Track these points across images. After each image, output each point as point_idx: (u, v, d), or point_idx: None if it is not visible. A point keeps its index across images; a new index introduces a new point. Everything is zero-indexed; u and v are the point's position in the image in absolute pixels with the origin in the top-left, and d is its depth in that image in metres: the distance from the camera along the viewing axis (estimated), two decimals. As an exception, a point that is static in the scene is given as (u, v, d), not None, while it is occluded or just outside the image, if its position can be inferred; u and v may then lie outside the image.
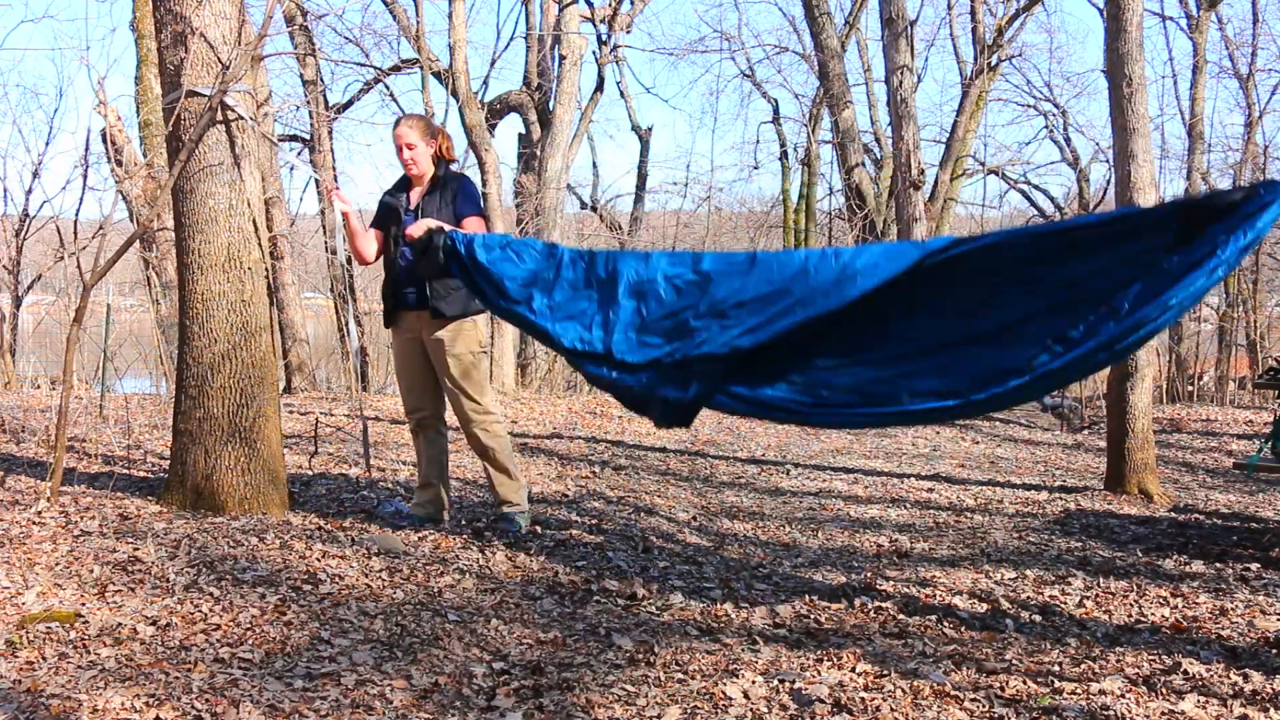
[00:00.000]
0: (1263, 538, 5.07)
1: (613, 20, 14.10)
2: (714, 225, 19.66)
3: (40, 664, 2.64)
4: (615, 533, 4.60)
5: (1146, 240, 3.18)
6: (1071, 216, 3.51)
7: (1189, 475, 7.40)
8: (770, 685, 2.86)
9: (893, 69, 11.66)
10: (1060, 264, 3.28)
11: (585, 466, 6.55)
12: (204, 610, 3.09)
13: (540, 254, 3.92)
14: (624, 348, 3.72)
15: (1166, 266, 3.14)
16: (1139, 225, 3.22)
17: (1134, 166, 6.19)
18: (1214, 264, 3.06)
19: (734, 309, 3.56)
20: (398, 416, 8.25)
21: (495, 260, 3.92)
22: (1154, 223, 3.20)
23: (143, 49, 10.46)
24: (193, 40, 4.05)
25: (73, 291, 10.46)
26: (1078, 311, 3.24)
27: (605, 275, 3.81)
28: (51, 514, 3.98)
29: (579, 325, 3.81)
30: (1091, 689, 2.88)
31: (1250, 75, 17.67)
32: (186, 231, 4.16)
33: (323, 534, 4.01)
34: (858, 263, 3.41)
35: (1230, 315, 14.63)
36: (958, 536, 5.03)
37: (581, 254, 3.91)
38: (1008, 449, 8.64)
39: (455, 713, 2.60)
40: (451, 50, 11.06)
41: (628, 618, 3.43)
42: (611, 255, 3.87)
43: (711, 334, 3.59)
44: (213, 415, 4.15)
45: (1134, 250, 3.19)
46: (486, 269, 3.92)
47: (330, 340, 15.42)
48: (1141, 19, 6.24)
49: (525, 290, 3.89)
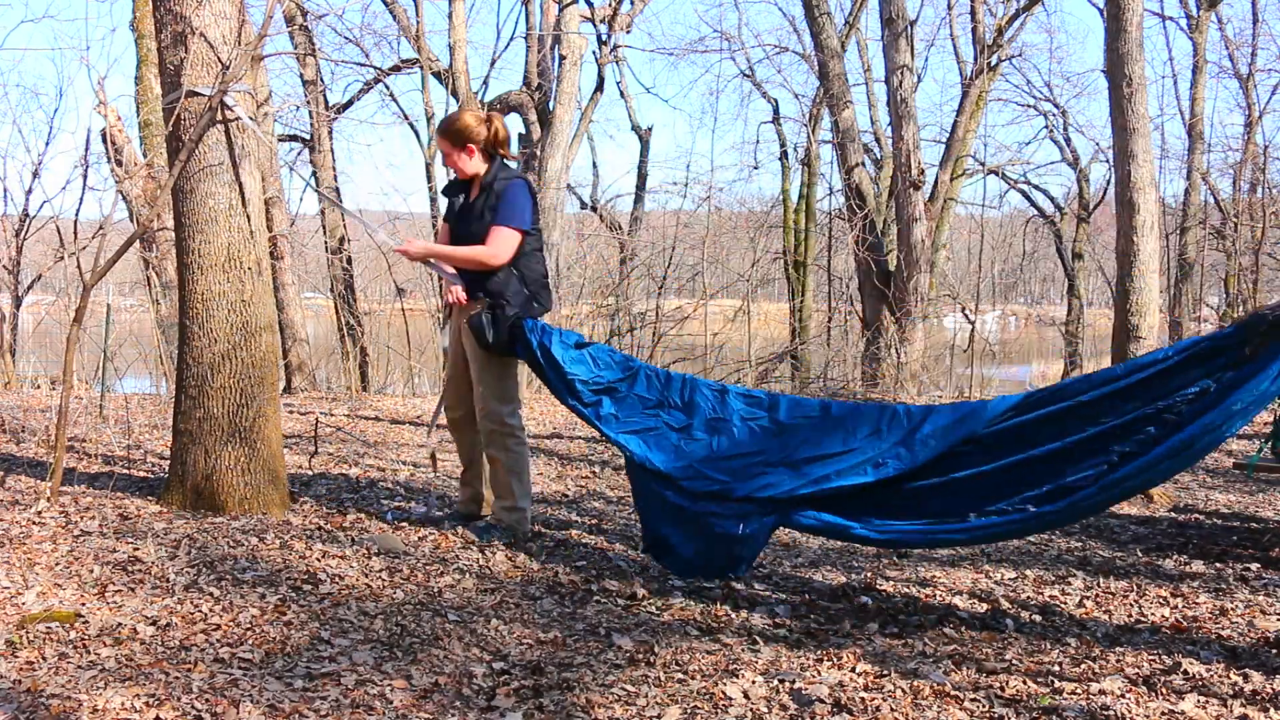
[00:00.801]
0: (1263, 538, 5.07)
1: (613, 20, 14.10)
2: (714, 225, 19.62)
3: (40, 664, 2.64)
4: (615, 533, 4.60)
5: (1213, 361, 3.24)
6: (1144, 356, 3.53)
7: (1189, 475, 7.40)
8: (770, 685, 2.86)
9: (893, 69, 11.66)
10: (1127, 401, 3.33)
11: (585, 466, 6.55)
12: (204, 610, 3.09)
13: (618, 365, 4.00)
14: (687, 474, 3.77)
15: (1231, 381, 3.17)
16: (1205, 351, 3.27)
17: (1134, 166, 6.19)
18: (1278, 368, 3.09)
19: (804, 463, 3.63)
20: (398, 416, 8.26)
21: (569, 359, 3.97)
22: (1220, 344, 3.24)
23: (143, 49, 10.46)
24: (193, 40, 4.05)
25: (73, 291, 10.47)
26: (1143, 429, 3.29)
27: (681, 402, 3.90)
28: (51, 514, 3.98)
29: (642, 442, 3.88)
30: (1091, 689, 2.88)
31: (1250, 75, 17.68)
32: (186, 231, 4.16)
33: (323, 534, 4.01)
34: (926, 427, 3.51)
35: (1230, 315, 14.63)
36: (958, 536, 5.02)
37: (658, 373, 3.98)
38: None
39: (455, 713, 2.60)
40: (451, 50, 11.07)
41: (628, 618, 3.43)
42: (688, 382, 3.94)
43: (779, 479, 3.65)
44: (213, 415, 4.15)
45: (1201, 372, 3.25)
46: (560, 365, 3.97)
47: (330, 340, 15.41)
48: (1141, 19, 6.24)
49: (596, 396, 3.96)
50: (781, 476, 3.64)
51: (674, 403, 3.91)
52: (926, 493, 3.54)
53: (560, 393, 4.01)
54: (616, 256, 18.53)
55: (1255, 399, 3.09)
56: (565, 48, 12.81)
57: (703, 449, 3.81)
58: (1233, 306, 14.69)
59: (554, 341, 3.99)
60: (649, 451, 3.85)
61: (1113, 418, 3.33)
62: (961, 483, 3.49)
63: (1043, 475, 3.39)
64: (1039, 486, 3.39)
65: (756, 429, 3.79)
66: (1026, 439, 3.43)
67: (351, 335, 12.51)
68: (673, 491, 3.79)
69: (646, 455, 3.84)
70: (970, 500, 3.47)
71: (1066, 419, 3.40)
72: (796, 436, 3.71)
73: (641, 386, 3.95)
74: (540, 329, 4.03)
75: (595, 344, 4.07)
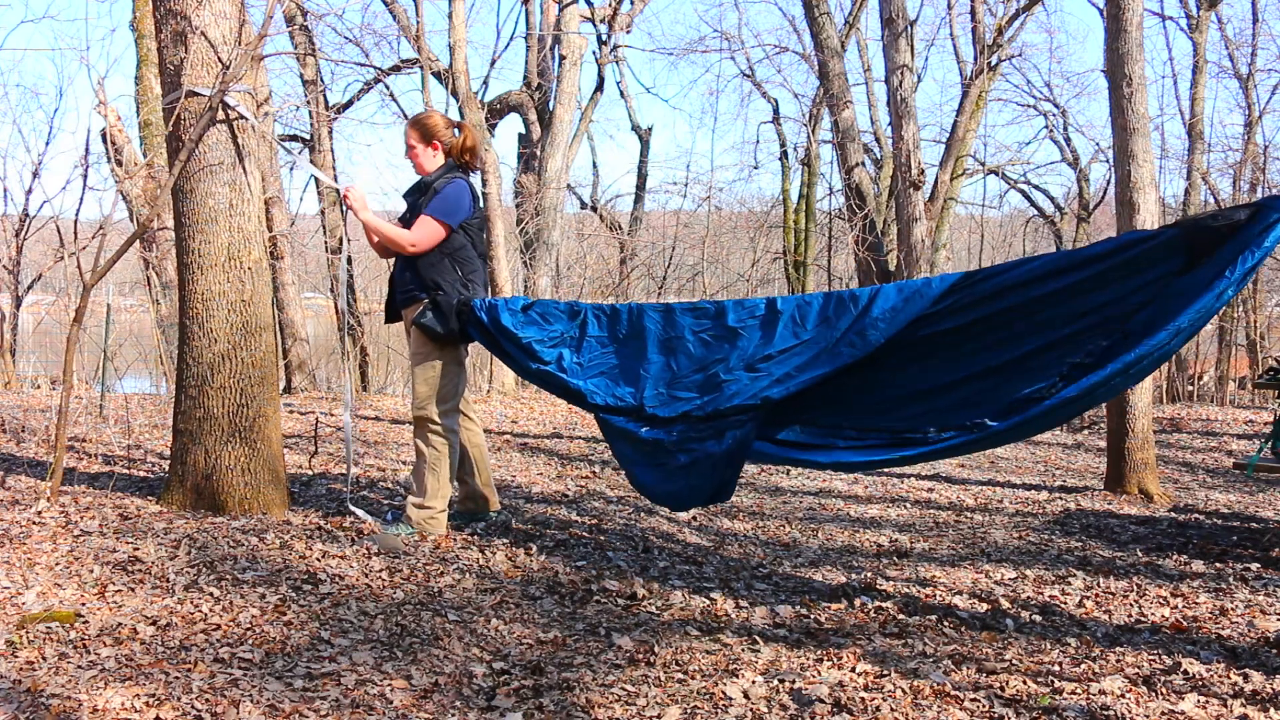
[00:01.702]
0: (1263, 538, 5.07)
1: (613, 20, 14.10)
2: (714, 225, 19.64)
3: (40, 664, 2.64)
4: (615, 533, 4.60)
5: (1158, 268, 3.25)
6: (1082, 247, 3.58)
7: (1189, 475, 7.40)
8: (770, 685, 2.86)
9: (893, 69, 11.66)
10: (1072, 300, 3.35)
11: (585, 466, 6.55)
12: (204, 610, 3.09)
13: (564, 313, 4.02)
14: (655, 402, 3.83)
15: (1177, 290, 3.19)
16: (1148, 253, 3.27)
17: (1134, 166, 6.19)
18: (1222, 285, 3.12)
19: (762, 362, 3.68)
20: (398, 416, 8.26)
21: (519, 324, 4.00)
22: (1164, 250, 3.25)
23: (143, 49, 10.46)
24: (193, 40, 4.05)
25: (73, 291, 10.47)
26: (1093, 340, 3.33)
27: (630, 330, 3.92)
28: (51, 514, 3.98)
29: (608, 381, 3.92)
30: (1091, 689, 2.88)
31: (1250, 75, 17.67)
32: (186, 231, 4.16)
33: (323, 534, 4.01)
34: (875, 310, 3.52)
35: (1230, 315, 14.63)
36: (958, 536, 5.02)
37: (603, 309, 4.00)
38: (1008, 449, 8.64)
39: (455, 713, 2.60)
40: (451, 50, 11.06)
41: (628, 618, 3.43)
42: (634, 310, 3.96)
43: (742, 386, 3.69)
44: (213, 415, 4.15)
45: (1145, 279, 3.26)
46: (513, 333, 4.00)
47: (330, 340, 15.43)
48: (1141, 19, 6.24)
49: (554, 350, 3.99)
50: (743, 382, 3.69)
51: (624, 333, 3.94)
52: (891, 404, 3.61)
53: (523, 361, 4.03)
54: (616, 256, 18.54)
55: (1201, 315, 3.13)
56: (565, 48, 12.81)
57: (664, 370, 3.85)
58: (1233, 306, 14.67)
59: (501, 310, 4.02)
60: (616, 388, 3.89)
61: (1063, 324, 3.36)
62: (924, 395, 3.56)
63: (1000, 388, 3.45)
64: (997, 401, 3.44)
65: (709, 339, 3.81)
66: (976, 336, 3.46)
67: (351, 335, 12.51)
68: (647, 426, 3.83)
69: (613, 393, 3.89)
70: (931, 415, 3.53)
71: (1014, 318, 3.42)
72: (749, 339, 3.74)
73: (593, 327, 3.98)
74: (486, 305, 4.06)
75: (539, 301, 4.10)
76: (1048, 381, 3.37)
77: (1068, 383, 3.34)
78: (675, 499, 3.96)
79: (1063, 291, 3.36)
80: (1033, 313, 3.40)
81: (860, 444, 3.69)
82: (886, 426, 3.64)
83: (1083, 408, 3.62)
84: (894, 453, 3.63)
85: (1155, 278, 3.25)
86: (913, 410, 3.59)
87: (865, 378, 3.62)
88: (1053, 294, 3.37)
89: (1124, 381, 3.39)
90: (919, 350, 3.55)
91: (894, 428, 3.62)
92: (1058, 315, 3.37)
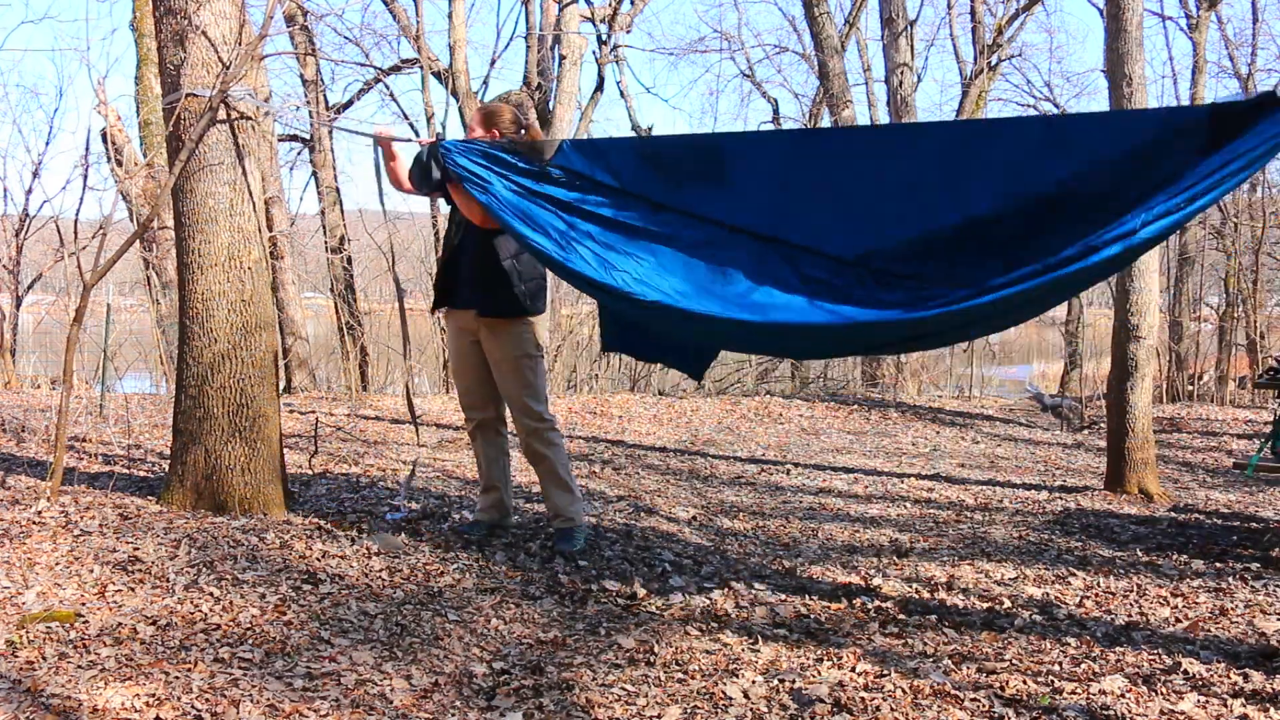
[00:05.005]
0: (1263, 538, 5.07)
1: (613, 20, 14.10)
2: (714, 225, 19.60)
3: (40, 664, 2.64)
4: (615, 532, 4.60)
5: (1176, 150, 3.15)
6: (1099, 113, 3.44)
7: (1189, 475, 7.40)
8: (770, 685, 2.86)
9: (893, 68, 11.67)
10: (1089, 178, 3.26)
11: (585, 466, 6.55)
12: (204, 610, 3.09)
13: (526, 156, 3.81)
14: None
15: (1196, 166, 3.10)
16: (1173, 130, 3.20)
17: (1134, 166, 6.18)
18: (1239, 165, 3.04)
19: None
20: (398, 416, 8.25)
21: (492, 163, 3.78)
22: (1189, 127, 3.17)
23: (143, 49, 10.46)
24: (193, 40, 4.05)
25: (73, 291, 10.46)
26: (1109, 214, 3.19)
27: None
28: (52, 514, 3.98)
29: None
30: (1091, 689, 2.88)
31: (1250, 75, 17.67)
32: (186, 231, 4.16)
33: (323, 534, 4.01)
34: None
35: (1230, 315, 14.62)
36: (958, 536, 5.02)
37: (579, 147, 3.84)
38: (1008, 448, 8.64)
39: (455, 712, 2.60)
40: (451, 50, 11.07)
41: (628, 617, 3.43)
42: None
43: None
44: (213, 414, 4.15)
45: (1166, 165, 3.16)
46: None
47: (330, 340, 15.41)
48: (1141, 19, 6.24)
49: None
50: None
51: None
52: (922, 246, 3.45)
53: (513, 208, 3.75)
54: (616, 256, 18.50)
55: (1212, 195, 3.07)
56: (565, 47, 12.81)
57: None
58: (1233, 305, 14.66)
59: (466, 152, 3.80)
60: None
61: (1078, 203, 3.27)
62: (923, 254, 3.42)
63: (1038, 239, 3.31)
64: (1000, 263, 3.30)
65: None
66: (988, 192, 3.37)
67: (351, 335, 12.51)
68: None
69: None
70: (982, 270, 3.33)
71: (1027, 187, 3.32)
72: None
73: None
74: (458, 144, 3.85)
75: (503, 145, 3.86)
76: (1060, 254, 3.20)
77: (1080, 252, 3.18)
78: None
79: (1082, 165, 3.27)
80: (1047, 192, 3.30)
81: (880, 298, 3.44)
82: (916, 273, 3.42)
83: (1086, 281, 3.60)
84: (909, 313, 3.38)
85: (1176, 153, 3.15)
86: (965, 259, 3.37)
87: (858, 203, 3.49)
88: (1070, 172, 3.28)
89: (1123, 250, 3.19)
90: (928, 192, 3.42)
91: (925, 274, 3.40)
92: (1074, 197, 3.27)
